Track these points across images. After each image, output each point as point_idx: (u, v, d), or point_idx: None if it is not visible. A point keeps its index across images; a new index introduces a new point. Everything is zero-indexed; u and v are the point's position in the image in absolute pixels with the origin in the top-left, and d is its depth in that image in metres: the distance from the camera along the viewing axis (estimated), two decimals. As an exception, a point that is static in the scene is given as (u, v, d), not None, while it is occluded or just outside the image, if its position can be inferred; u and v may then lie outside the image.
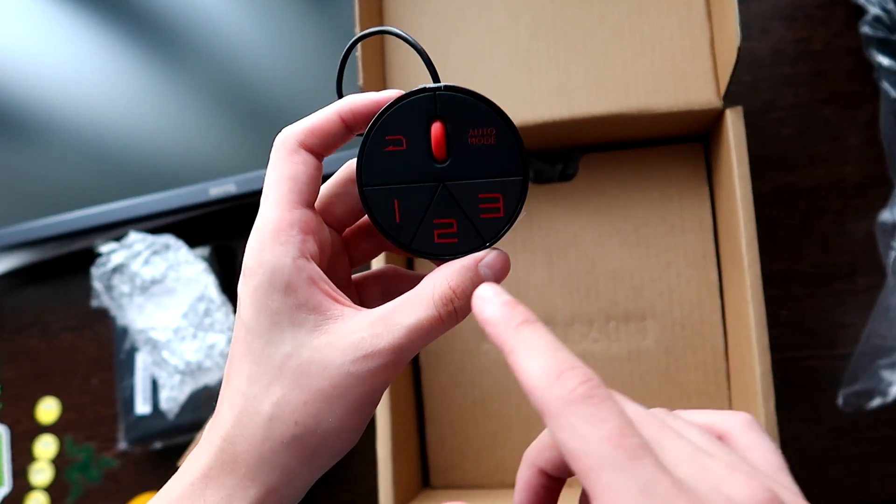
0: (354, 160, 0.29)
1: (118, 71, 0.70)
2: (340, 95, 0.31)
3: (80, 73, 0.71)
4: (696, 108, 0.49)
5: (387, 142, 0.28)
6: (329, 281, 0.28)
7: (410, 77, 0.54)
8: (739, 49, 0.43)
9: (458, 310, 0.27)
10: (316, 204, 0.30)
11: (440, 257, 0.28)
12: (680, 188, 0.55)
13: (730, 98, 0.49)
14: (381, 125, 0.28)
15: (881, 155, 0.56)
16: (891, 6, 0.53)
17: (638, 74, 0.50)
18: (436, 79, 0.29)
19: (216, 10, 0.67)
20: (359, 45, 0.48)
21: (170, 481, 0.28)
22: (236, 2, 0.67)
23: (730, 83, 0.47)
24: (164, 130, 0.69)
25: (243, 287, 0.28)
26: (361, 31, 0.48)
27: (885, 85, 0.54)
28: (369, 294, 0.34)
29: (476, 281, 0.27)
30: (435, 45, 0.53)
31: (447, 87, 0.28)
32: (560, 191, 0.57)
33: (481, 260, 0.27)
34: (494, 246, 0.28)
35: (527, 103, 0.51)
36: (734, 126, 0.47)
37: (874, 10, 0.54)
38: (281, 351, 0.27)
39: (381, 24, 0.54)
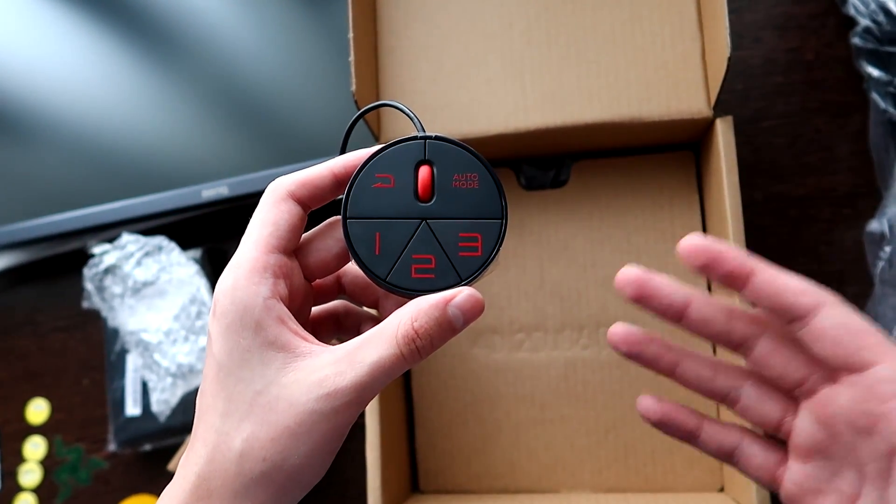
0: (336, 217, 0.31)
1: (112, 72, 0.70)
2: (343, 153, 0.32)
3: (73, 75, 0.71)
4: (686, 116, 0.49)
5: (376, 179, 0.30)
6: (296, 321, 0.29)
7: (406, 86, 0.54)
8: (729, 59, 0.44)
9: (420, 349, 0.27)
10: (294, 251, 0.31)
11: (414, 293, 0.29)
12: (671, 196, 0.55)
13: (721, 107, 0.49)
14: (373, 164, 0.30)
15: (871, 164, 0.57)
16: (881, 18, 0.54)
17: (630, 83, 0.50)
18: (423, 131, 0.31)
19: (211, 12, 0.68)
20: (351, 51, 0.48)
21: None
22: (231, 5, 0.67)
23: (720, 93, 0.47)
24: (158, 133, 0.69)
25: (215, 324, 0.28)
26: (354, 34, 0.48)
27: (875, 95, 0.55)
28: (323, 329, 0.35)
29: (442, 322, 0.28)
30: (429, 51, 0.54)
31: (437, 137, 0.30)
32: (552, 197, 0.57)
33: (451, 300, 0.28)
34: (471, 286, 0.29)
35: (520, 110, 0.51)
36: (724, 135, 0.48)
37: (865, 22, 0.55)
38: (251, 388, 0.27)
39: (375, 28, 0.55)
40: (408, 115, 0.32)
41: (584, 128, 0.51)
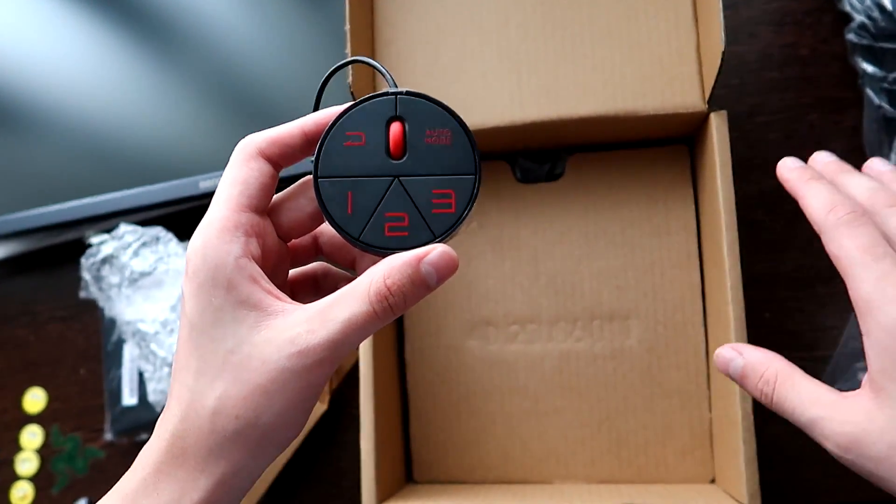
0: (309, 176, 0.31)
1: (110, 63, 0.70)
2: (316, 110, 0.32)
3: (71, 66, 0.71)
4: (681, 111, 0.50)
5: (347, 137, 0.30)
6: (269, 280, 0.29)
7: (402, 78, 0.54)
8: (724, 54, 0.44)
9: (392, 306, 0.27)
10: (267, 211, 0.31)
11: (387, 252, 0.29)
12: (665, 190, 0.55)
13: (716, 101, 0.49)
14: (343, 122, 0.30)
15: (864, 160, 0.57)
16: (876, 14, 0.54)
17: (625, 77, 0.50)
18: (394, 87, 0.31)
19: (208, 3, 0.68)
20: (347, 43, 0.48)
21: (123, 478, 0.29)
22: (229, -4, 0.67)
23: (714, 87, 0.47)
24: (156, 124, 0.69)
25: (187, 284, 0.28)
26: (351, 27, 0.49)
27: (869, 91, 0.55)
28: (301, 291, 0.35)
29: (415, 279, 0.28)
30: (425, 44, 0.54)
31: (408, 92, 0.30)
32: (547, 191, 0.57)
33: (424, 257, 0.28)
34: (444, 242, 0.29)
35: (515, 103, 0.52)
36: (718, 130, 0.48)
37: (860, 18, 0.55)
38: (223, 347, 0.28)
39: (372, 21, 0.55)
40: (380, 70, 0.32)
41: (580, 121, 0.51)
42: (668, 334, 0.54)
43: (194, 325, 0.28)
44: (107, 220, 0.70)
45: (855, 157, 0.57)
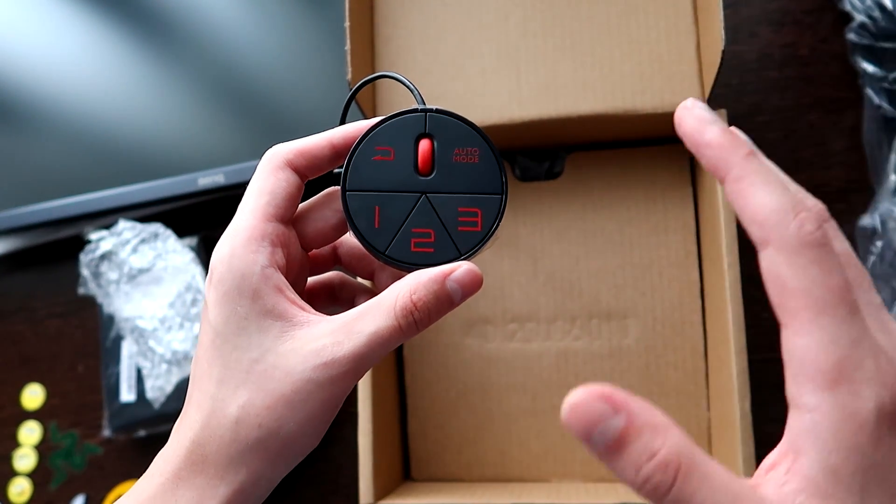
0: (335, 187, 0.31)
1: (109, 59, 0.70)
2: (342, 124, 0.32)
3: (70, 62, 0.71)
4: (681, 109, 0.49)
5: (376, 151, 0.30)
6: (293, 290, 0.29)
7: (401, 45, 0.54)
8: (724, 52, 0.44)
9: (417, 321, 0.28)
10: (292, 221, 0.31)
11: (413, 267, 0.29)
12: (664, 189, 0.55)
13: (715, 101, 0.49)
14: (372, 136, 0.30)
15: (864, 160, 0.57)
16: (876, 14, 0.54)
17: (624, 75, 0.50)
18: (423, 104, 0.31)
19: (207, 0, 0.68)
20: (347, 40, 0.48)
21: (139, 481, 0.29)
22: (229, -7, 0.67)
23: (714, 86, 0.47)
24: (155, 120, 0.69)
25: (212, 291, 0.28)
26: (350, 23, 0.49)
27: (869, 91, 0.55)
28: (318, 300, 0.35)
29: (441, 296, 0.28)
30: (424, 41, 0.54)
31: (437, 110, 0.30)
32: (546, 189, 0.57)
33: (450, 274, 0.28)
34: (469, 260, 0.29)
35: (514, 101, 0.52)
36: (718, 128, 0.48)
37: (860, 18, 0.55)
38: (247, 356, 0.28)
39: (372, 17, 0.55)
40: (408, 87, 0.32)
41: (579, 119, 0.51)
42: (666, 333, 0.54)
43: (218, 332, 0.28)
44: (106, 217, 0.70)
45: (854, 157, 0.58)
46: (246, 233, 0.29)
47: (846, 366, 0.21)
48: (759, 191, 0.23)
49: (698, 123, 0.24)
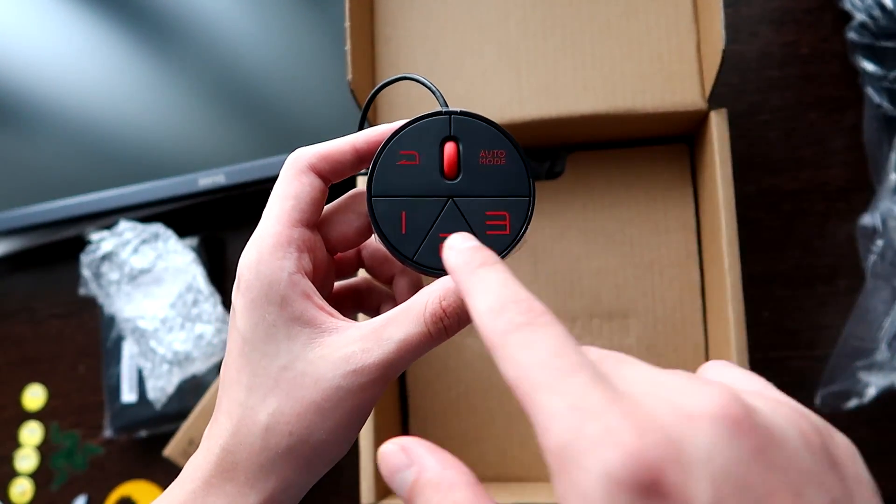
0: (357, 190, 0.30)
1: (110, 59, 0.70)
2: (361, 128, 0.32)
3: (71, 62, 0.71)
4: (681, 109, 0.50)
5: (400, 156, 0.29)
6: (321, 296, 0.29)
7: (401, 45, 0.54)
8: (724, 52, 0.44)
9: (447, 328, 0.27)
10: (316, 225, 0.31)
11: (442, 273, 0.29)
12: (665, 188, 0.55)
13: (716, 100, 0.49)
14: (396, 140, 0.29)
15: (864, 159, 0.57)
16: (877, 13, 0.54)
17: (625, 75, 0.50)
18: (445, 106, 0.30)
19: (207, 0, 0.68)
20: (347, 40, 0.48)
21: (170, 487, 0.29)
22: (229, -7, 0.67)
23: (714, 85, 0.47)
24: (155, 120, 0.69)
25: (239, 299, 0.28)
26: (351, 23, 0.49)
27: (870, 90, 0.55)
28: (344, 304, 0.35)
29: None
30: (425, 41, 0.54)
31: (462, 112, 0.29)
32: (547, 188, 0.57)
33: None
34: None
35: (515, 101, 0.52)
36: (718, 128, 0.48)
37: (860, 17, 0.55)
38: (276, 363, 0.27)
39: (372, 17, 0.55)
40: (431, 89, 0.32)
41: (580, 119, 0.51)
42: (667, 333, 0.54)
43: (246, 339, 0.28)
44: (107, 217, 0.70)
45: (855, 156, 0.58)
46: (272, 238, 0.28)
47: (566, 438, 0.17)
48: (478, 298, 0.21)
49: (446, 252, 0.23)
